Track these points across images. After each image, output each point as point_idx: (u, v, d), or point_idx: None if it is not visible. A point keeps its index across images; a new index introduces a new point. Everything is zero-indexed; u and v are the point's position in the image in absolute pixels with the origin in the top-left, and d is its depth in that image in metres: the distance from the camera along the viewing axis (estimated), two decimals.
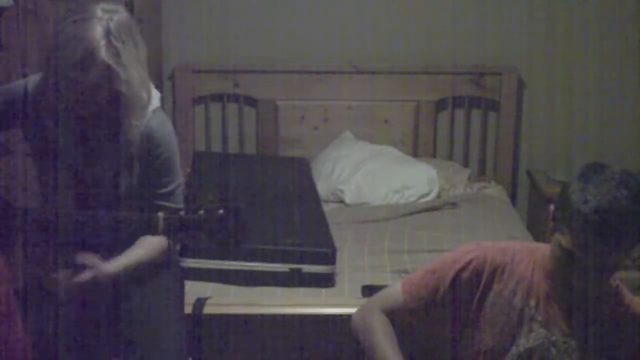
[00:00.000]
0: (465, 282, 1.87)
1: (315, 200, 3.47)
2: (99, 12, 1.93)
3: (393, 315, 1.93)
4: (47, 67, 1.99)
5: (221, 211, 1.86)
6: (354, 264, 2.98)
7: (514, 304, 1.85)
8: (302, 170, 3.83)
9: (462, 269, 1.87)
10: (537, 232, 3.73)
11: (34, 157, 2.14)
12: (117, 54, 1.92)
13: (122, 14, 1.97)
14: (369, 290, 2.58)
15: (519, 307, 1.84)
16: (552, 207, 1.82)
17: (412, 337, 1.95)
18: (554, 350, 1.84)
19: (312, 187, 3.61)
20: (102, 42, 1.90)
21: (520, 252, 1.89)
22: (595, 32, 4.13)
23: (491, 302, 1.86)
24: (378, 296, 2.01)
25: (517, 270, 1.86)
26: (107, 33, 1.91)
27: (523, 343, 1.84)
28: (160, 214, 1.89)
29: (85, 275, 2.00)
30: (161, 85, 4.13)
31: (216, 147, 4.22)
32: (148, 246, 2.11)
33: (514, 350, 1.84)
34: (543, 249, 1.88)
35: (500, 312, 1.85)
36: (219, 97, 4.18)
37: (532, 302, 1.84)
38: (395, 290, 1.96)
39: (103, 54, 1.90)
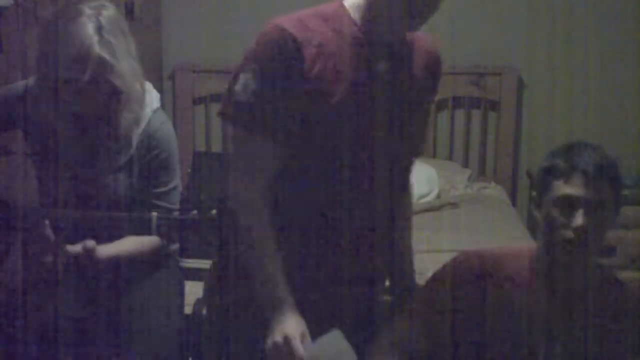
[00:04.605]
0: (470, 291, 1.85)
1: None
2: (87, 10, 1.95)
3: (417, 352, 1.91)
4: (41, 69, 1.99)
5: (214, 212, 1.85)
6: None
7: (515, 307, 1.84)
8: None
9: (462, 282, 1.85)
10: (537, 232, 3.73)
11: (34, 157, 2.14)
12: (111, 48, 1.93)
13: (109, 9, 1.99)
14: None
15: (519, 310, 1.84)
16: (533, 193, 1.89)
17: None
18: (559, 350, 1.83)
19: None
20: (95, 38, 1.92)
21: (511, 256, 1.88)
22: (595, 32, 4.13)
23: (491, 310, 1.85)
24: (391, 342, 1.92)
25: (511, 272, 1.85)
26: (99, 28, 1.93)
27: (526, 346, 1.83)
28: (154, 214, 1.88)
29: (75, 248, 1.97)
30: (161, 85, 4.13)
31: (216, 147, 4.22)
32: (137, 240, 2.10)
33: (517, 354, 1.83)
34: (533, 250, 1.88)
35: (501, 318, 1.84)
36: (219, 97, 4.17)
37: (531, 303, 1.84)
38: (405, 330, 1.91)
39: (97, 49, 1.91)
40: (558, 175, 1.79)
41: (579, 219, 1.74)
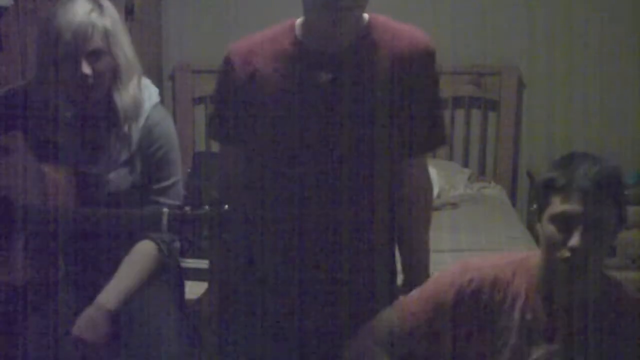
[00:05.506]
0: (467, 303, 1.83)
1: None
2: None
3: (391, 346, 1.89)
4: (40, 56, 2.00)
5: (226, 207, 1.86)
6: None
7: (513, 320, 1.82)
8: None
9: (462, 290, 1.84)
10: (537, 232, 3.73)
11: (34, 157, 2.14)
12: (113, 22, 1.99)
13: None
14: None
15: (517, 322, 1.81)
16: (534, 206, 1.83)
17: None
18: None
19: None
20: (97, 12, 1.98)
21: (510, 265, 1.86)
22: (595, 32, 4.13)
23: (492, 320, 1.83)
24: (371, 327, 1.93)
25: (511, 284, 1.83)
26: (99, 5, 1.98)
27: (526, 357, 1.82)
28: (165, 210, 1.89)
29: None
30: (161, 85, 4.13)
31: (216, 147, 4.20)
32: (142, 264, 2.11)
33: None
34: (533, 258, 1.86)
35: (501, 329, 1.83)
36: None
37: (530, 315, 1.81)
38: (389, 320, 1.91)
39: (101, 20, 1.96)
40: (556, 190, 1.74)
41: (575, 239, 1.70)
